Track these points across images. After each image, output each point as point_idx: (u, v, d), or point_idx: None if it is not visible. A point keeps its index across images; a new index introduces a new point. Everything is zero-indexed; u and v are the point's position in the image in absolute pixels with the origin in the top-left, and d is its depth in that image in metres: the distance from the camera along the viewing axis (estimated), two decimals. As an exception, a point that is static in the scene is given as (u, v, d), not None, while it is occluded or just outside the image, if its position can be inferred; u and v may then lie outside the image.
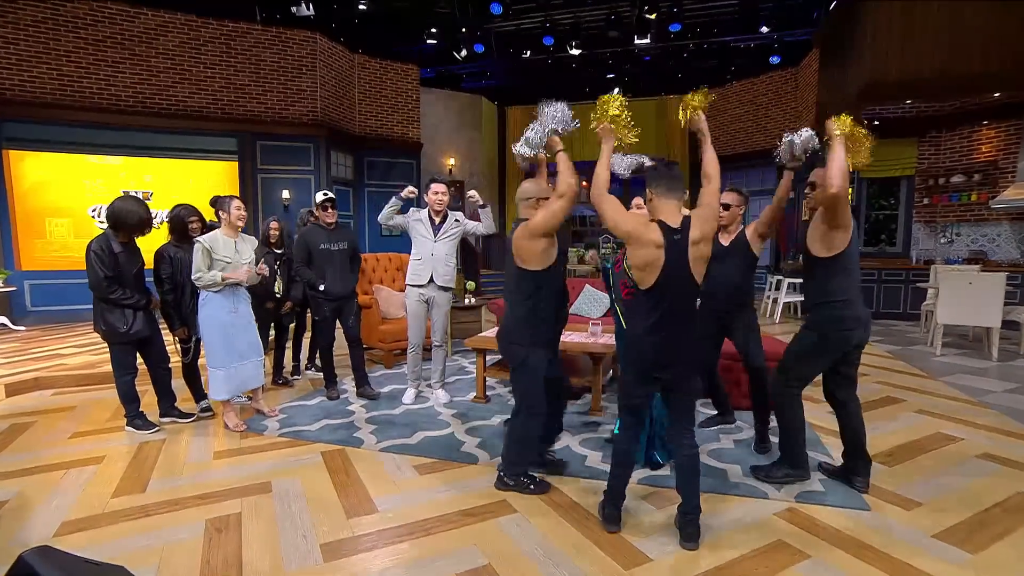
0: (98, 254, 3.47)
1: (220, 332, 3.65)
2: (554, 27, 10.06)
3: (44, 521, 2.55)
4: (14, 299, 7.43)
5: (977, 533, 2.42)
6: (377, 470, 3.10)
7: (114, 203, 3.56)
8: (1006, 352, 5.93)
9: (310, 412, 4.10)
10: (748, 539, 2.38)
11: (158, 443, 3.51)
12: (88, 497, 2.78)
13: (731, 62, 11.39)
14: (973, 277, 5.83)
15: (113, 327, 3.53)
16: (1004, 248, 8.07)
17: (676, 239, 2.23)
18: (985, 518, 2.56)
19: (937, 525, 2.48)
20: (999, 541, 2.37)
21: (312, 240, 4.29)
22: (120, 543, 2.37)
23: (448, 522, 2.53)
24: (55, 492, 2.84)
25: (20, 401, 4.43)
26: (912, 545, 2.32)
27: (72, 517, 2.59)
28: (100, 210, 8.03)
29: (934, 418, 3.91)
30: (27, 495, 2.81)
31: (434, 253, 4.17)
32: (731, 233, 3.43)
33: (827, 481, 2.89)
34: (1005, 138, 7.91)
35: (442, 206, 4.19)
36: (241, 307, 3.77)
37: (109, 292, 3.48)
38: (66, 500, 2.75)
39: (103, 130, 7.89)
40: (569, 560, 2.24)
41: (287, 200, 8.89)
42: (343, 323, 4.43)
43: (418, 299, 4.21)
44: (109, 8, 7.81)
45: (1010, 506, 2.66)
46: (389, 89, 10.50)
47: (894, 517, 2.55)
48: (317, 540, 2.39)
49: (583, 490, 2.84)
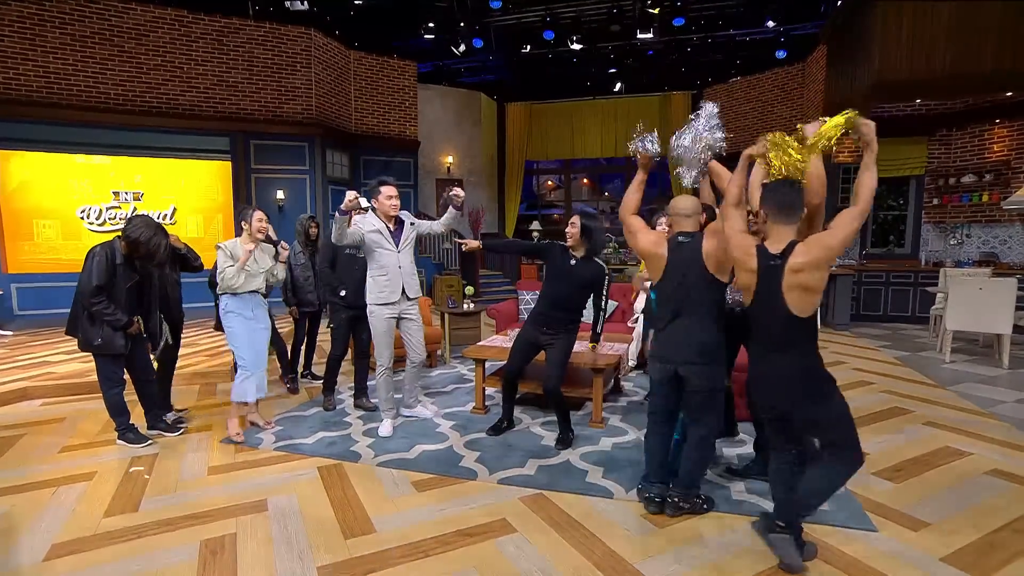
0: (99, 260, 3.45)
1: (247, 336, 3.77)
2: (555, 21, 10.05)
3: (33, 543, 2.55)
4: (1, 303, 7.43)
5: (986, 556, 2.43)
6: (374, 487, 3.11)
7: (137, 223, 3.50)
8: (1017, 359, 5.94)
9: (307, 424, 4.11)
10: (754, 561, 2.39)
11: (151, 458, 3.51)
12: (79, 517, 2.78)
13: (736, 56, 11.38)
14: (983, 283, 5.83)
15: (87, 337, 3.52)
16: (1016, 250, 8.07)
17: (771, 265, 2.22)
18: (994, 540, 2.57)
19: (945, 548, 2.49)
20: (1008, 565, 2.38)
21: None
22: (112, 567, 2.38)
23: (446, 543, 2.54)
24: (45, 511, 2.85)
25: (7, 412, 4.43)
26: (920, 570, 2.33)
27: (63, 539, 2.59)
28: (89, 211, 8.04)
29: (942, 431, 3.92)
30: (15, 515, 2.81)
31: (401, 265, 3.87)
32: None
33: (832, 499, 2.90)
34: (1018, 137, 7.90)
35: (396, 211, 3.89)
36: (259, 313, 3.87)
37: (94, 302, 3.44)
38: (56, 520, 2.76)
39: (91, 129, 7.88)
40: (570, 584, 2.25)
41: (281, 201, 8.88)
42: (356, 336, 4.44)
43: (388, 317, 3.89)
44: (97, 3, 7.79)
45: (1020, 527, 2.67)
46: (386, 85, 10.48)
47: (901, 539, 2.56)
48: (314, 563, 2.40)
49: (584, 509, 2.85)
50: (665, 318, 2.74)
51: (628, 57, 11.61)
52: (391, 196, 3.84)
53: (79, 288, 3.51)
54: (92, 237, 7.96)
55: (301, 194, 8.98)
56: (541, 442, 3.74)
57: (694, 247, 2.66)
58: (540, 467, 3.33)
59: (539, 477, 3.21)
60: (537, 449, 3.62)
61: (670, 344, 2.71)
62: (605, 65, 12.05)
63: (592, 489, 3.05)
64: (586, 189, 14.67)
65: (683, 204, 2.77)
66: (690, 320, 2.66)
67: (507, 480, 3.17)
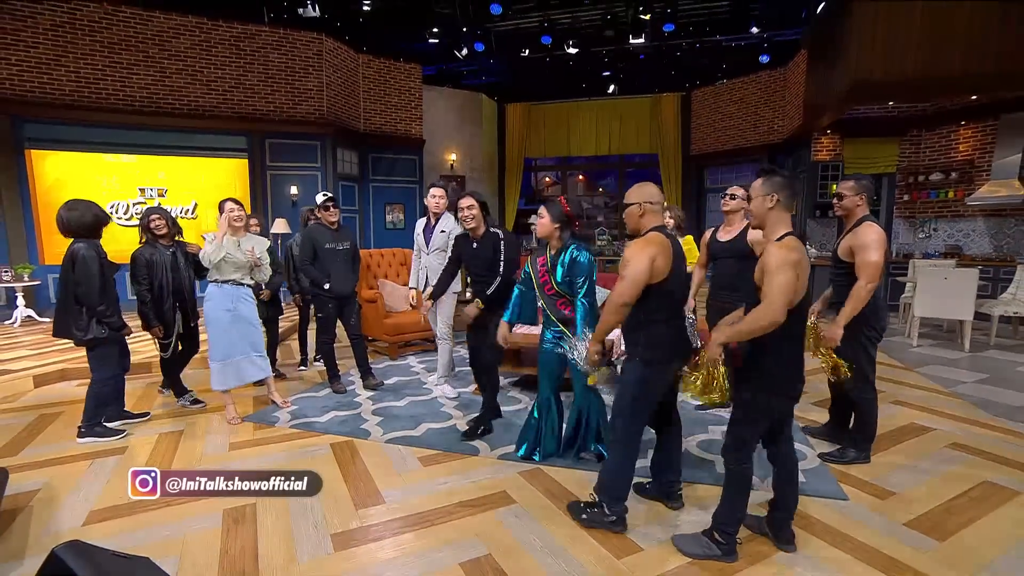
0: (93, 260, 3.23)
1: (220, 327, 3.66)
2: (552, 26, 9.94)
3: (73, 511, 2.59)
4: (39, 292, 7.44)
5: (945, 521, 2.47)
6: (383, 461, 3.14)
7: (62, 214, 3.28)
8: (977, 343, 5.97)
9: (319, 404, 4.14)
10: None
11: (176, 435, 3.55)
12: (112, 488, 2.82)
13: (722, 61, 11.28)
14: (948, 272, 5.85)
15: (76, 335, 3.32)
16: (978, 243, 8.07)
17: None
18: (952, 506, 2.61)
19: (909, 514, 2.53)
20: (964, 529, 2.42)
21: (318, 239, 4.25)
22: (143, 533, 2.41)
23: (450, 514, 2.57)
24: (81, 482, 2.89)
25: (47, 392, 4.46)
26: (885, 535, 2.37)
27: (98, 507, 2.63)
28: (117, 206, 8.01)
29: (909, 408, 3.95)
30: (55, 485, 2.85)
31: (428, 265, 4.25)
32: (733, 230, 3.40)
33: (808, 471, 2.93)
34: (981, 138, 7.87)
35: (439, 209, 4.20)
36: (241, 305, 3.75)
37: (102, 307, 3.27)
38: (92, 490, 2.80)
39: (118, 130, 7.82)
40: (565, 550, 2.28)
41: (295, 196, 8.86)
42: (344, 322, 4.42)
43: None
44: (123, 12, 7.71)
45: (975, 495, 2.71)
46: (393, 87, 10.40)
47: (870, 506, 2.60)
48: (328, 531, 2.44)
49: (579, 482, 2.87)
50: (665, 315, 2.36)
51: (621, 61, 11.50)
52: (435, 196, 4.19)
53: (81, 294, 3.24)
54: (120, 230, 7.95)
55: (313, 190, 8.92)
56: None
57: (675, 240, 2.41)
58: (537, 443, 3.36)
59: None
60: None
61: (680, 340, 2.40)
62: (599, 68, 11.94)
63: (586, 464, 3.08)
64: (581, 185, 14.60)
65: (656, 192, 2.37)
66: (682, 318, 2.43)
67: (506, 456, 3.20)
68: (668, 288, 2.27)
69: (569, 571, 2.15)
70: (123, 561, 1.84)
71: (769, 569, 2.15)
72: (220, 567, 2.19)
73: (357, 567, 2.19)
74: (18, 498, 2.69)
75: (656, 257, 2.20)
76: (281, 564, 2.21)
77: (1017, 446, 3.28)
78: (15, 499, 2.67)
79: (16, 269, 6.98)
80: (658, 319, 2.30)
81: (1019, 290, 6.17)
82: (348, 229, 4.52)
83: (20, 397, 4.33)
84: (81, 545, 1.79)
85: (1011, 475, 2.91)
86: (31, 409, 4.04)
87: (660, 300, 2.28)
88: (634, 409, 2.34)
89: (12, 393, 4.37)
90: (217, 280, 3.68)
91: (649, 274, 2.20)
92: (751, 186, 2.17)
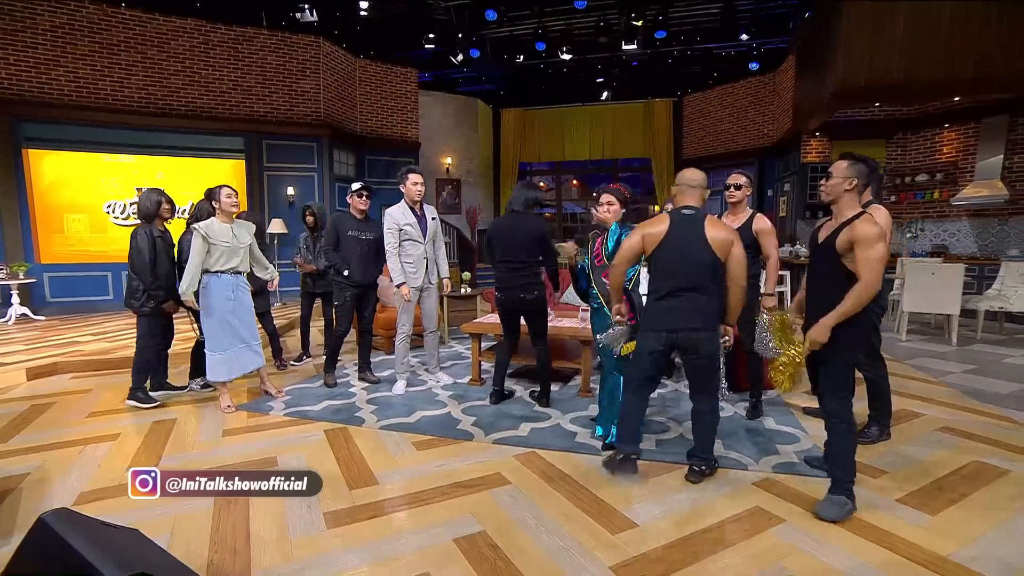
0: (144, 240, 3.66)
1: (218, 317, 3.61)
2: (546, 33, 10.01)
3: (63, 491, 2.54)
4: (34, 290, 7.35)
5: (936, 498, 2.46)
6: (377, 447, 3.10)
7: (142, 199, 3.82)
8: (964, 338, 5.99)
9: (314, 394, 4.09)
10: (729, 506, 2.40)
11: (169, 422, 3.49)
12: (104, 471, 2.76)
13: (713, 68, 11.39)
14: (935, 268, 5.88)
15: (132, 303, 3.76)
16: (963, 242, 8.13)
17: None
18: (943, 484, 2.59)
19: (901, 491, 2.51)
20: (954, 504, 2.40)
21: (342, 226, 4.16)
22: (135, 512, 2.35)
23: (444, 494, 2.53)
24: (73, 466, 2.83)
25: (40, 384, 4.39)
26: (878, 509, 2.35)
27: (89, 488, 2.57)
28: (115, 206, 7.96)
29: (900, 396, 3.93)
30: (47, 468, 2.79)
31: (426, 256, 4.09)
32: (738, 220, 3.36)
33: (802, 452, 2.91)
34: (964, 140, 7.97)
35: (421, 196, 4.06)
36: (240, 294, 3.72)
37: (151, 281, 3.67)
38: (84, 473, 2.74)
39: (117, 130, 7.79)
40: (559, 527, 2.25)
41: (291, 197, 8.83)
42: (359, 312, 4.34)
43: (412, 289, 4.04)
44: (123, 14, 7.71)
45: (965, 473, 2.70)
46: (389, 91, 10.42)
47: (865, 485, 2.58)
48: (321, 509, 2.39)
49: (573, 464, 2.85)
50: (663, 289, 2.54)
51: (614, 67, 11.60)
52: (417, 183, 4.03)
53: (135, 268, 3.67)
54: (117, 230, 7.89)
55: (310, 191, 8.93)
56: (534, 408, 3.73)
57: (697, 221, 2.49)
58: (533, 429, 3.33)
59: (532, 438, 3.20)
60: (530, 414, 3.61)
61: (673, 314, 2.51)
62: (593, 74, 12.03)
63: (581, 448, 3.05)
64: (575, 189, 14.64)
65: (691, 175, 2.59)
66: (695, 290, 2.49)
67: (502, 440, 3.17)
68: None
69: (564, 547, 2.11)
70: (112, 531, 1.79)
71: (766, 541, 2.13)
72: (211, 543, 2.14)
73: (350, 543, 2.14)
74: (9, 480, 2.63)
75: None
76: (273, 540, 2.16)
77: (1006, 429, 3.28)
78: (6, 481, 2.62)
79: (12, 267, 6.90)
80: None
81: (1004, 286, 6.21)
82: (376, 222, 4.37)
83: (12, 389, 4.25)
84: (70, 512, 1.74)
85: (1000, 455, 2.90)
86: (23, 400, 3.97)
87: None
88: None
89: (5, 386, 4.29)
90: (218, 272, 3.62)
91: None
92: (834, 165, 2.35)
